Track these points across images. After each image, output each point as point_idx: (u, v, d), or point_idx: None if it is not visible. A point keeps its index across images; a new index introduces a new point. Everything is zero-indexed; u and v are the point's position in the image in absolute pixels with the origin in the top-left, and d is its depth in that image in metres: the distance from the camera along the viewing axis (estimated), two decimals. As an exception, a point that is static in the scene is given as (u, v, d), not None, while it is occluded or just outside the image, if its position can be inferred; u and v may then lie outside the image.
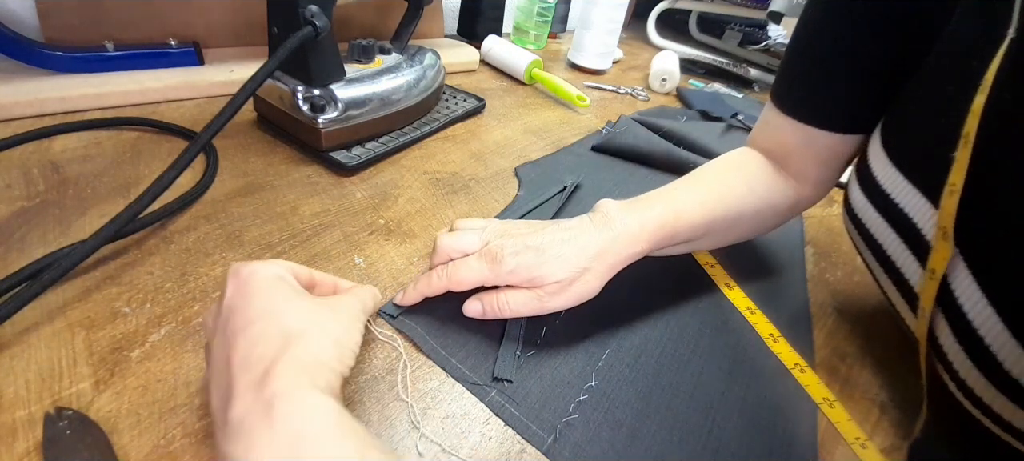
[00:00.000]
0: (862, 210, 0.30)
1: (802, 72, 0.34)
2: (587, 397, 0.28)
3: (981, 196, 0.22)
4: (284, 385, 0.17)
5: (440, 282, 0.29)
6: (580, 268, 0.28)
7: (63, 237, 0.31)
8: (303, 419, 0.17)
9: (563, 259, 0.28)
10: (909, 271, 0.27)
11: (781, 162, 0.36)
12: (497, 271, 0.28)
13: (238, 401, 0.17)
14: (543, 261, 0.28)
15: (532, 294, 0.28)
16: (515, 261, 0.28)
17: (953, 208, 0.22)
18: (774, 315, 0.36)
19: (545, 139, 0.57)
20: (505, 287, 0.29)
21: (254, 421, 0.16)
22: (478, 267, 0.29)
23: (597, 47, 0.83)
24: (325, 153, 0.43)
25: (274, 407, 0.16)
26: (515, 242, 0.29)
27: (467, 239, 0.30)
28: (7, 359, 0.24)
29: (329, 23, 0.39)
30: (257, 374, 0.17)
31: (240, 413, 0.17)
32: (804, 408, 0.30)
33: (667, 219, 0.31)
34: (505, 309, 0.29)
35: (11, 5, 0.47)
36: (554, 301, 0.28)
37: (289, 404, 0.17)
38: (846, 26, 0.30)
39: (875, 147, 0.29)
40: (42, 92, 0.42)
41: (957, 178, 0.22)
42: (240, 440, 0.16)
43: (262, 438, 0.16)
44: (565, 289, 0.28)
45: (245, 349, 0.18)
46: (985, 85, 0.22)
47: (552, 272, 0.28)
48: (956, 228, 0.22)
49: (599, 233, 0.30)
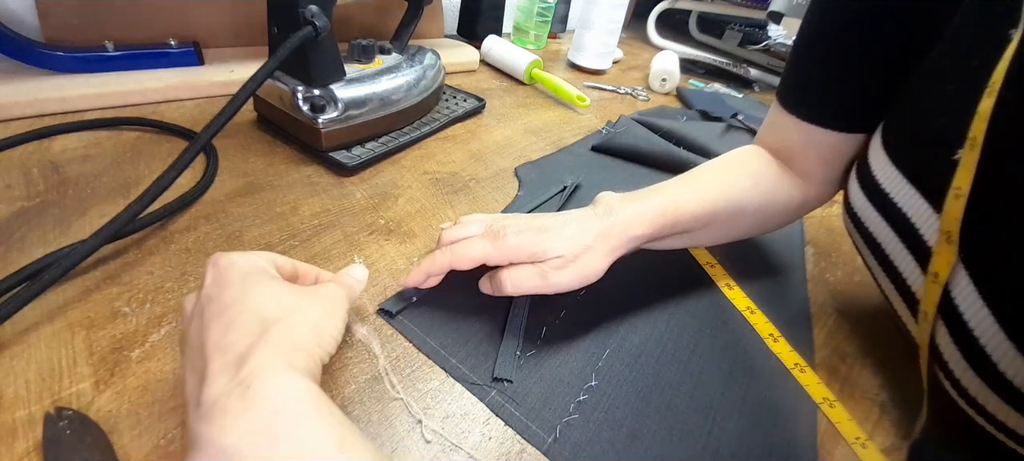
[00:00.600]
0: (862, 209, 0.30)
1: (804, 71, 0.34)
2: (587, 397, 0.28)
3: (986, 201, 0.22)
4: (261, 366, 0.17)
5: (444, 258, 0.29)
6: (583, 245, 0.29)
7: (63, 237, 0.31)
8: (281, 399, 0.16)
9: (565, 237, 0.29)
10: (908, 272, 0.27)
11: (787, 161, 0.36)
12: (500, 247, 0.29)
13: (213, 382, 0.17)
14: (545, 237, 0.29)
15: (536, 269, 0.29)
16: (517, 238, 0.29)
17: (959, 212, 0.22)
18: (774, 315, 0.36)
19: (545, 139, 0.57)
20: (509, 265, 0.29)
21: (230, 401, 0.16)
22: (481, 244, 0.29)
23: (597, 47, 0.83)
24: (325, 153, 0.43)
25: (251, 387, 0.16)
26: (517, 222, 0.30)
27: (471, 226, 0.31)
28: (7, 359, 0.24)
29: (329, 23, 0.39)
30: (233, 356, 0.17)
31: (215, 393, 0.16)
32: (804, 408, 0.30)
33: (667, 207, 0.32)
34: (508, 285, 0.29)
35: (11, 5, 0.47)
36: (558, 277, 0.28)
37: (266, 384, 0.16)
38: (848, 24, 0.30)
39: (875, 146, 0.29)
40: (42, 92, 0.42)
41: (963, 182, 0.22)
42: (215, 420, 0.16)
43: (238, 417, 0.16)
44: (568, 265, 0.29)
45: (220, 333, 0.18)
46: (993, 87, 0.21)
47: (555, 247, 0.29)
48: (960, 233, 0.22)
49: (600, 219, 0.30)
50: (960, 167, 0.22)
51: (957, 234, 0.22)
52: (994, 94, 0.21)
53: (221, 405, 0.16)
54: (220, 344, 0.18)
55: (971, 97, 0.22)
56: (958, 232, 0.22)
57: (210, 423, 0.16)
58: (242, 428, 0.16)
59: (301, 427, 0.16)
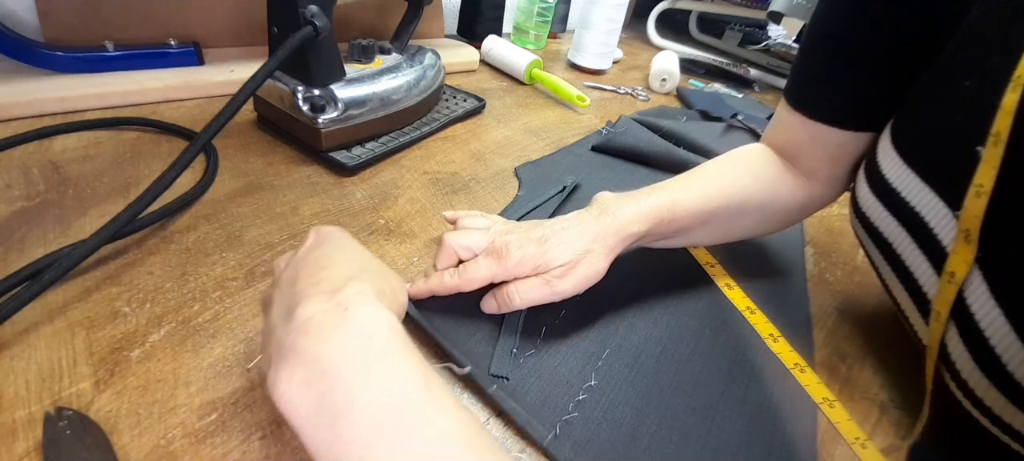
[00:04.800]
0: (871, 209, 0.29)
1: (812, 68, 0.33)
2: (587, 396, 0.28)
3: (1010, 199, 0.21)
4: (355, 295, 0.19)
5: (452, 281, 0.30)
6: (583, 249, 0.29)
7: (63, 237, 0.31)
8: (374, 326, 0.18)
9: (565, 244, 0.29)
10: (920, 272, 0.26)
11: (792, 159, 0.36)
12: (504, 265, 0.29)
13: (310, 302, 0.18)
14: (547, 248, 0.29)
15: (540, 280, 0.29)
16: (520, 253, 0.29)
17: (980, 210, 0.21)
18: (774, 315, 0.36)
19: (545, 139, 0.57)
20: (514, 280, 0.29)
21: (327, 318, 0.18)
22: (487, 264, 0.29)
23: (597, 47, 0.83)
24: (325, 153, 0.43)
25: (347, 310, 0.18)
26: (518, 236, 0.30)
27: (474, 238, 0.31)
28: (7, 359, 0.24)
29: (329, 23, 0.39)
30: (328, 287, 0.19)
31: (312, 311, 0.18)
32: (804, 408, 0.30)
33: (664, 204, 0.32)
34: (516, 300, 0.29)
35: (11, 5, 0.47)
36: (562, 284, 0.29)
37: (361, 310, 0.18)
38: (857, 20, 0.30)
39: (885, 144, 0.29)
40: (42, 92, 0.42)
41: (985, 179, 0.21)
42: (312, 334, 0.17)
43: (335, 332, 0.17)
44: (571, 271, 0.29)
45: (314, 273, 0.20)
46: (1017, 81, 0.20)
47: (556, 256, 0.29)
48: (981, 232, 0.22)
49: (597, 219, 0.31)
50: (982, 164, 0.21)
51: (977, 233, 0.22)
52: (1019, 88, 0.20)
53: (318, 321, 0.18)
54: (315, 278, 0.20)
55: (992, 92, 0.21)
56: (979, 231, 0.22)
57: (307, 336, 0.17)
58: (339, 343, 0.17)
59: (391, 354, 0.18)
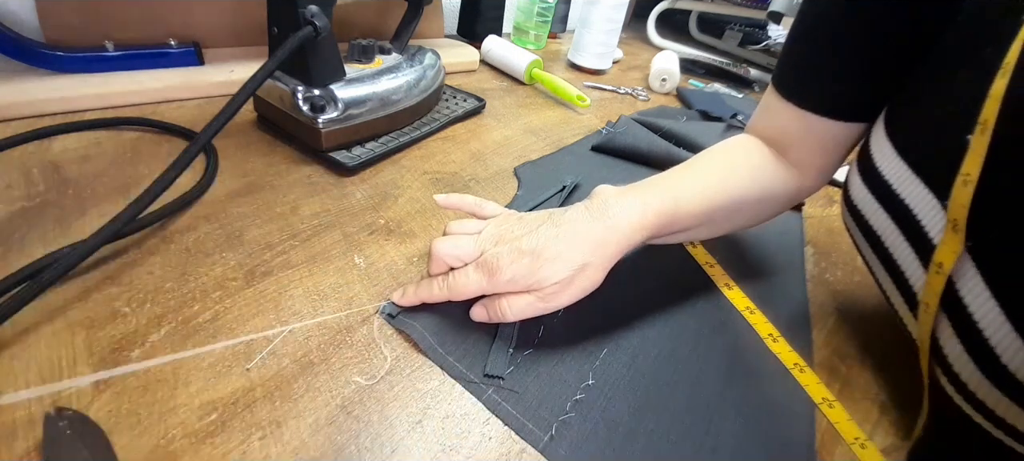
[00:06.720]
0: (863, 202, 0.29)
1: (804, 56, 0.33)
2: (584, 396, 0.28)
3: (996, 187, 0.21)
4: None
5: (441, 292, 0.29)
6: (579, 265, 0.28)
7: (63, 237, 0.31)
8: None
9: (561, 259, 0.28)
10: (907, 265, 0.26)
11: (781, 149, 0.35)
12: (495, 282, 0.28)
13: None
14: (540, 266, 0.27)
15: (533, 297, 0.28)
16: (512, 270, 0.28)
17: (967, 199, 0.21)
18: (773, 315, 0.36)
19: (545, 139, 0.57)
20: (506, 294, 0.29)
21: None
22: (476, 278, 0.29)
23: (597, 47, 0.83)
24: (325, 153, 0.43)
25: None
26: (510, 248, 0.28)
27: (463, 246, 0.30)
28: (7, 359, 0.24)
29: (329, 23, 0.39)
30: None
31: None
32: (803, 408, 0.30)
33: (666, 207, 0.30)
34: (508, 315, 0.28)
35: (11, 5, 0.47)
36: (556, 300, 0.28)
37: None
38: (850, 9, 0.29)
39: (878, 136, 0.28)
40: (42, 92, 0.42)
41: (972, 168, 0.21)
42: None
43: None
44: (566, 288, 0.28)
45: None
46: (1006, 69, 0.20)
47: (550, 275, 0.27)
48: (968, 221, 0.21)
49: (595, 222, 0.29)
50: (970, 152, 0.21)
51: (965, 222, 0.21)
52: (1007, 75, 0.20)
53: None
54: None
55: (984, 82, 0.21)
56: (966, 220, 0.21)
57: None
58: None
59: None
